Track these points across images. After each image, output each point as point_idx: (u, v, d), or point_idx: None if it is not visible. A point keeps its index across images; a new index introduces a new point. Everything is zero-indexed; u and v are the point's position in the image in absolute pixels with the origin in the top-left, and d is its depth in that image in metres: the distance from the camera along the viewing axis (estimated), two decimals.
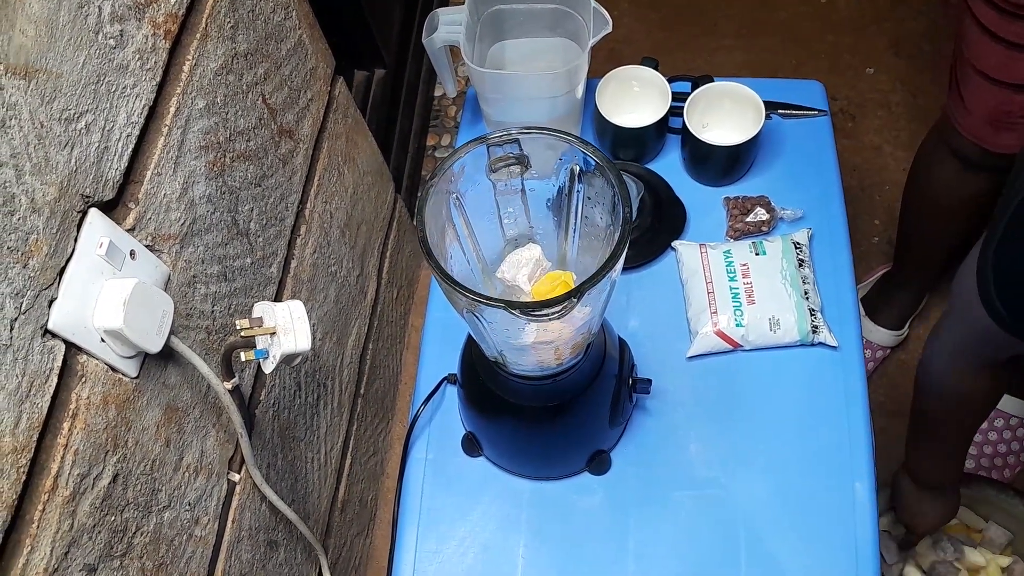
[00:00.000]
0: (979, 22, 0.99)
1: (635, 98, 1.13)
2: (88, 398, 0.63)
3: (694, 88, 1.09)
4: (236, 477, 0.86)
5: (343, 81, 1.13)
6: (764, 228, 1.07)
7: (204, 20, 0.79)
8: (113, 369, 0.65)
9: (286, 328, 0.71)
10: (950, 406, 0.97)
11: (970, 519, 1.30)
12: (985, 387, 0.93)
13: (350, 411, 1.24)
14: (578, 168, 0.69)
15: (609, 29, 1.01)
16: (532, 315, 0.63)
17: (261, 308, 0.72)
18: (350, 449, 1.25)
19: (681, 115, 1.08)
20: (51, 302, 0.59)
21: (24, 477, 0.57)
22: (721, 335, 0.99)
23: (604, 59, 1.78)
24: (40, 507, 0.59)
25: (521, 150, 0.69)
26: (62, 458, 0.61)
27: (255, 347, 0.71)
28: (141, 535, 0.70)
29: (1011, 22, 0.95)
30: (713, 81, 1.10)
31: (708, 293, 1.01)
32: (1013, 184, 0.70)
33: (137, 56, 0.69)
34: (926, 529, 1.16)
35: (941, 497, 1.11)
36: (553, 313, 0.62)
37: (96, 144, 0.64)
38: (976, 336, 0.84)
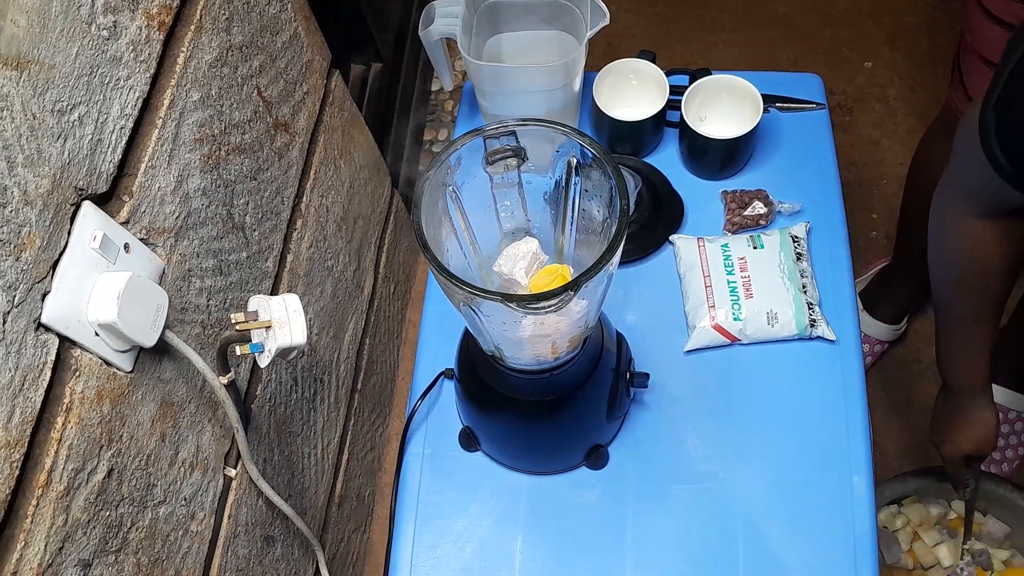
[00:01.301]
0: (982, 5, 1.00)
1: (632, 91, 1.12)
2: (82, 392, 0.62)
3: (692, 81, 1.09)
4: (232, 472, 0.86)
5: (339, 75, 1.13)
6: (762, 222, 1.07)
7: (198, 12, 0.78)
8: (107, 363, 0.65)
9: (281, 322, 0.70)
10: (962, 266, 0.90)
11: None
12: (991, 239, 0.86)
13: (347, 406, 1.24)
14: (575, 161, 0.69)
15: (606, 22, 1.00)
16: (529, 308, 0.62)
17: (256, 302, 0.72)
18: (347, 444, 1.24)
19: (679, 108, 1.07)
20: (44, 295, 0.59)
21: (17, 472, 0.57)
22: (719, 329, 0.99)
23: (601, 52, 1.78)
24: (34, 502, 0.58)
25: (518, 142, 0.69)
26: (56, 452, 0.60)
27: (251, 341, 0.71)
28: (136, 530, 0.70)
29: (1010, 3, 0.96)
30: (711, 74, 1.10)
31: (706, 287, 1.01)
32: (1015, 39, 0.71)
33: (131, 48, 0.68)
34: (950, 451, 1.05)
35: (972, 411, 1.00)
36: (550, 306, 0.62)
37: (89, 136, 0.63)
38: (979, 186, 0.81)
